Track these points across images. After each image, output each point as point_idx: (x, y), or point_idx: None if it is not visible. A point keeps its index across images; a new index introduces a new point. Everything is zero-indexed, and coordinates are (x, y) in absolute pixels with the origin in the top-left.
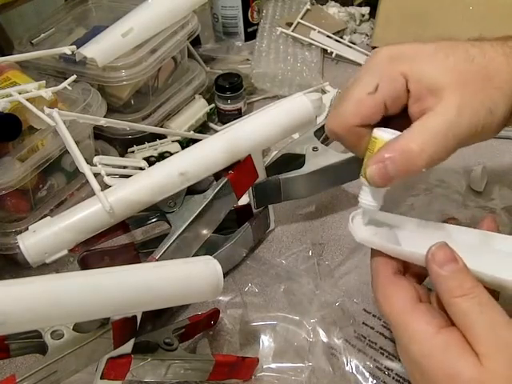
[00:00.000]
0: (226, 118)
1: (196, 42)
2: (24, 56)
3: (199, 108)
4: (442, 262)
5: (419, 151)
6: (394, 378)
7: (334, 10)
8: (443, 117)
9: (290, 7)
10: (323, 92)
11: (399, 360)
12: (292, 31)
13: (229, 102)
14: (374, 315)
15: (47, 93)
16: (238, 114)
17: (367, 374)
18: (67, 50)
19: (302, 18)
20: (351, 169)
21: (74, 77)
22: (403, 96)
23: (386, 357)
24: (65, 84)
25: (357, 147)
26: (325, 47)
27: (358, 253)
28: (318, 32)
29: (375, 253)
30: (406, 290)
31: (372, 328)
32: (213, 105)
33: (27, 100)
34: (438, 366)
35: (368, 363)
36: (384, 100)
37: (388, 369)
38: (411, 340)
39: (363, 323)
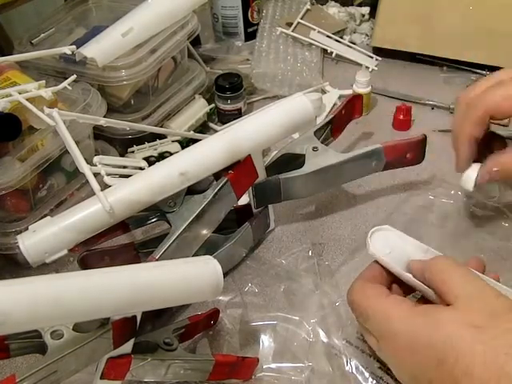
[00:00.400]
0: (225, 117)
1: (196, 42)
2: (24, 56)
3: (199, 108)
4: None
5: None
6: (397, 379)
7: (333, 9)
8: None
9: (290, 7)
10: (323, 92)
11: None
12: (292, 31)
13: (229, 101)
14: None
15: (47, 93)
16: (237, 114)
17: (367, 374)
18: (67, 49)
19: (302, 18)
20: (351, 169)
21: (73, 77)
22: None
23: None
24: (65, 84)
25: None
26: (325, 47)
27: (359, 253)
28: (318, 32)
29: (373, 266)
30: (379, 287)
31: None
32: (213, 105)
33: (27, 100)
34: (421, 327)
35: (371, 364)
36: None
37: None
38: (392, 319)
39: None
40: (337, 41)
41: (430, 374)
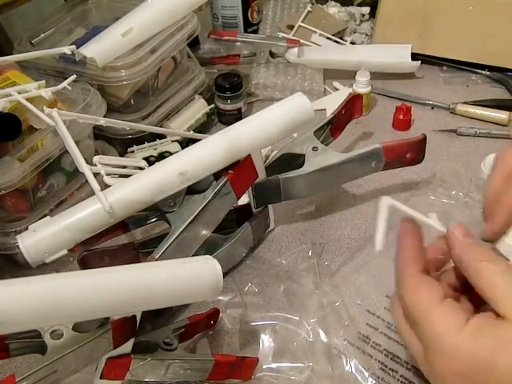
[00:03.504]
0: (225, 117)
1: (195, 41)
2: (24, 56)
3: (199, 108)
4: (464, 235)
5: None
6: (398, 379)
7: (334, 9)
8: None
9: (290, 7)
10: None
11: (405, 362)
12: (293, 35)
13: (228, 101)
14: (377, 316)
15: (47, 93)
16: (237, 114)
17: (367, 374)
18: (67, 49)
19: (302, 20)
20: (351, 169)
21: (73, 77)
22: None
23: (391, 359)
24: (64, 84)
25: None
26: None
27: (360, 253)
28: (320, 35)
29: (403, 251)
30: (433, 286)
31: (376, 329)
32: (212, 105)
33: (27, 100)
34: (485, 348)
35: (373, 365)
36: None
37: (393, 370)
38: (448, 335)
39: (367, 324)
40: (337, 42)
41: None
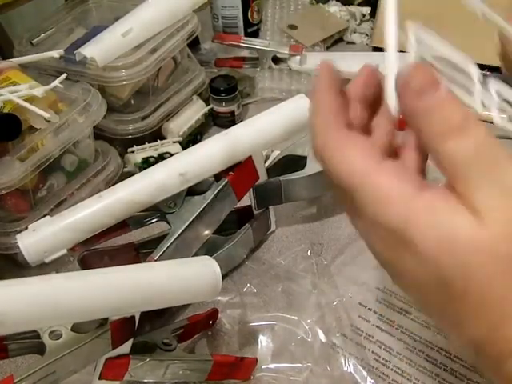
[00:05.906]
0: (219, 120)
1: (195, 42)
2: (23, 59)
3: (198, 109)
4: (421, 88)
5: None
6: (392, 369)
7: (335, 8)
8: None
9: (289, 6)
10: None
11: (397, 353)
12: (296, 35)
13: (223, 104)
14: (369, 308)
15: (38, 91)
16: (231, 117)
17: (365, 374)
18: (55, 53)
19: (304, 19)
20: None
21: (64, 75)
22: None
23: (384, 349)
24: (56, 83)
25: None
26: None
27: (351, 247)
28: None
29: (320, 103)
30: (366, 143)
31: (368, 321)
32: (211, 105)
33: (25, 100)
34: (425, 229)
35: (366, 356)
36: None
37: (386, 361)
38: (385, 203)
39: (359, 317)
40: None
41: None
